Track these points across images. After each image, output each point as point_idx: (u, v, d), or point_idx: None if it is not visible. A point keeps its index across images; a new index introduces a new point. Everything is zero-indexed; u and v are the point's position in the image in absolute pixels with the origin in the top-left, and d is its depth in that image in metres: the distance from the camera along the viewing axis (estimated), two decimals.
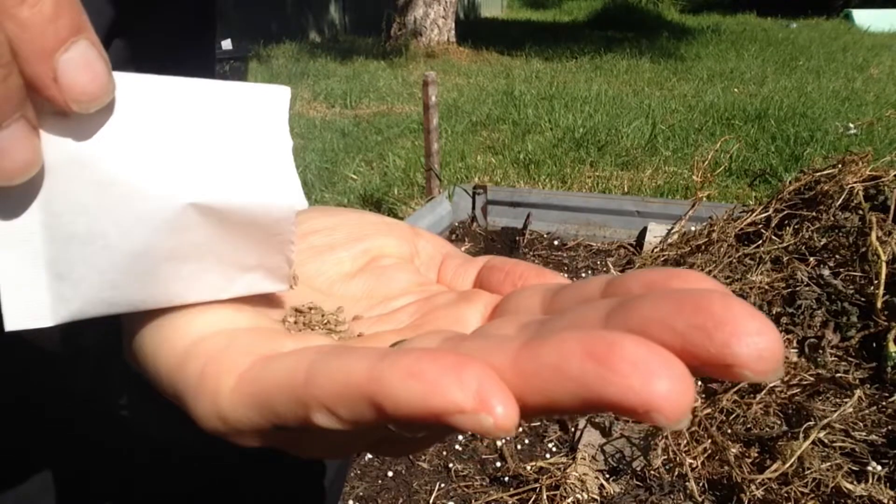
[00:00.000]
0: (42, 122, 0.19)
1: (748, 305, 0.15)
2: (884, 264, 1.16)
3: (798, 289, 1.25)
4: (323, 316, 0.25)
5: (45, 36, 0.18)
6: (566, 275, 1.82)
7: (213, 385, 0.20)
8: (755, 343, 0.14)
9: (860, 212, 1.32)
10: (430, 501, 1.03)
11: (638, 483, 1.00)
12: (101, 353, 0.31)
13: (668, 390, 0.13)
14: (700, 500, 0.95)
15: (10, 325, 0.20)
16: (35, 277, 0.20)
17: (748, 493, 0.91)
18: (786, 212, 1.45)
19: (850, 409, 1.00)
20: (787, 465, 0.91)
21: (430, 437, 0.23)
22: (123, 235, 0.20)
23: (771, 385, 1.07)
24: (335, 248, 0.29)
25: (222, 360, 0.20)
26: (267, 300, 0.25)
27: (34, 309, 0.20)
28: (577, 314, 0.18)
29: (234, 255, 0.23)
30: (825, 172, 1.44)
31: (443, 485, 1.06)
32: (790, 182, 1.51)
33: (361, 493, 1.05)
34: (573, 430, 1.16)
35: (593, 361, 0.14)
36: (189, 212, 0.21)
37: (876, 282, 1.16)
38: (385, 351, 0.16)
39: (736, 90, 4.49)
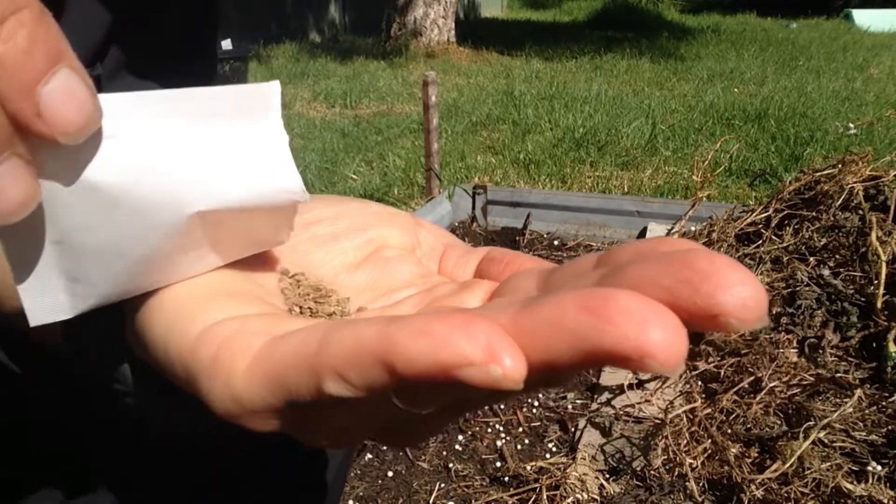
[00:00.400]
0: (39, 152, 0.19)
1: (732, 260, 0.15)
2: (884, 264, 1.16)
3: (798, 289, 1.25)
4: (330, 306, 0.26)
5: (23, 70, 0.17)
6: None
7: (227, 366, 0.20)
8: (739, 293, 0.15)
9: (860, 212, 1.32)
10: (430, 501, 1.03)
11: (638, 483, 1.00)
12: (102, 350, 0.31)
13: (661, 338, 0.14)
14: (700, 500, 0.95)
15: (33, 322, 0.22)
16: (52, 283, 0.22)
17: (748, 493, 0.91)
18: (786, 212, 1.45)
19: (850, 409, 1.00)
20: (787, 465, 0.91)
21: (436, 420, 0.23)
22: (134, 246, 0.22)
23: (771, 385, 1.07)
24: (339, 238, 0.29)
25: (235, 342, 0.21)
26: (275, 292, 0.26)
27: (53, 306, 0.22)
28: (572, 285, 0.18)
29: (236, 239, 0.24)
30: (825, 172, 1.44)
31: (443, 485, 1.06)
32: (790, 182, 1.51)
33: (361, 493, 1.05)
34: (573, 430, 1.16)
35: (589, 314, 0.14)
36: (195, 217, 0.22)
37: (876, 282, 1.16)
38: (395, 317, 0.17)
39: (736, 90, 4.49)
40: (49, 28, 0.18)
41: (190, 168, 0.21)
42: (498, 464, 1.10)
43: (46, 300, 0.22)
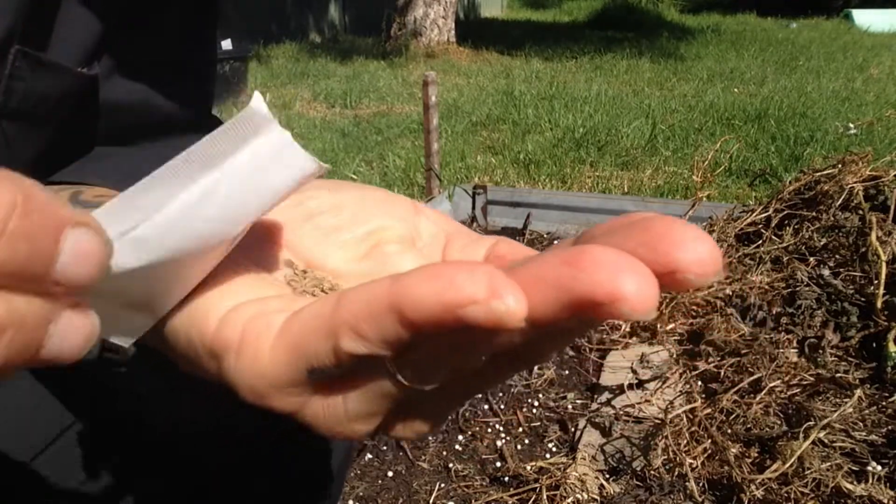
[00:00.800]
0: None
1: (687, 223, 0.17)
2: (884, 264, 1.16)
3: (798, 289, 1.25)
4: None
5: (33, 264, 0.16)
6: None
7: (254, 344, 0.21)
8: (694, 249, 0.16)
9: (860, 212, 1.32)
10: (430, 501, 1.03)
11: (638, 483, 1.00)
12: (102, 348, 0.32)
13: (632, 283, 0.15)
14: (700, 500, 0.95)
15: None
16: (116, 317, 0.24)
17: (748, 493, 0.91)
18: (786, 212, 1.45)
19: (850, 409, 1.00)
20: (787, 465, 0.91)
21: (441, 402, 0.24)
22: (188, 280, 0.24)
23: (771, 385, 1.07)
24: (340, 231, 0.29)
25: (259, 321, 0.22)
26: (282, 282, 0.27)
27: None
28: None
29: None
30: (825, 172, 1.44)
31: (443, 485, 1.06)
32: (790, 182, 1.51)
33: (361, 493, 1.05)
34: (573, 430, 1.16)
35: (567, 266, 0.16)
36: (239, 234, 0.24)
37: (876, 282, 1.16)
38: (403, 273, 0.18)
39: (736, 90, 4.49)
40: (38, 210, 0.16)
41: (226, 207, 0.22)
42: (498, 464, 1.10)
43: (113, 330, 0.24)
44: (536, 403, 1.24)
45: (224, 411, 0.39)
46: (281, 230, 0.29)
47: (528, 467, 1.04)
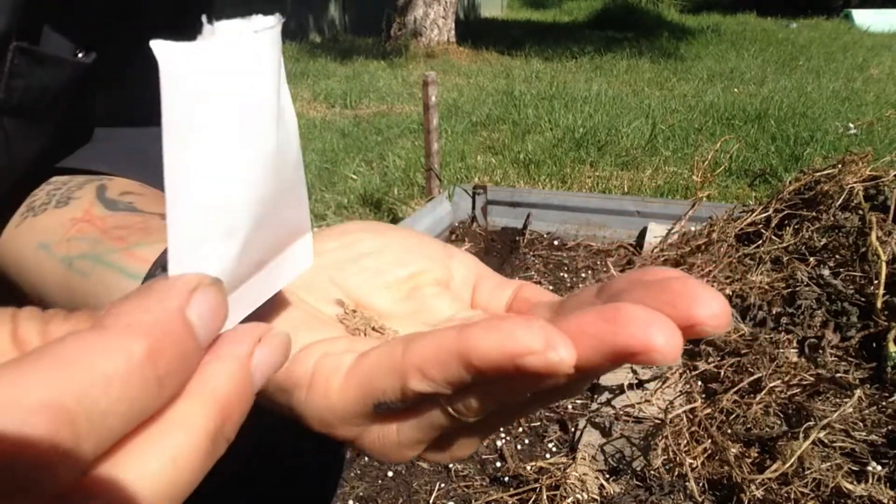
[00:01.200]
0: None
1: (700, 282, 0.20)
2: (884, 264, 1.16)
3: (798, 289, 1.25)
4: (386, 334, 0.30)
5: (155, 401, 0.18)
6: (566, 275, 1.82)
7: (324, 381, 0.24)
8: (709, 305, 0.19)
9: (860, 212, 1.32)
10: (430, 501, 1.03)
11: (638, 483, 1.00)
12: None
13: (661, 335, 0.18)
14: (700, 500, 0.95)
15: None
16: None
17: (748, 493, 0.91)
18: (786, 212, 1.45)
19: (850, 409, 1.00)
20: (787, 465, 0.91)
21: (480, 430, 0.26)
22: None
23: (771, 385, 1.07)
24: (384, 273, 0.32)
25: (328, 360, 0.25)
26: (334, 321, 0.30)
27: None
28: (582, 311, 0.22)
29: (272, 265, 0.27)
30: (825, 172, 1.44)
31: (443, 485, 1.06)
32: (790, 182, 1.51)
33: (361, 493, 1.05)
34: (573, 430, 1.16)
35: (606, 322, 0.19)
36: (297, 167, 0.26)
37: (876, 282, 1.16)
38: (466, 324, 0.21)
39: (736, 90, 4.49)
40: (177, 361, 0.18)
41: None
42: (498, 464, 1.10)
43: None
44: None
45: None
46: (332, 271, 0.31)
47: (528, 467, 1.04)
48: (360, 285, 0.31)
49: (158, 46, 0.17)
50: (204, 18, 0.19)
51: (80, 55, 0.39)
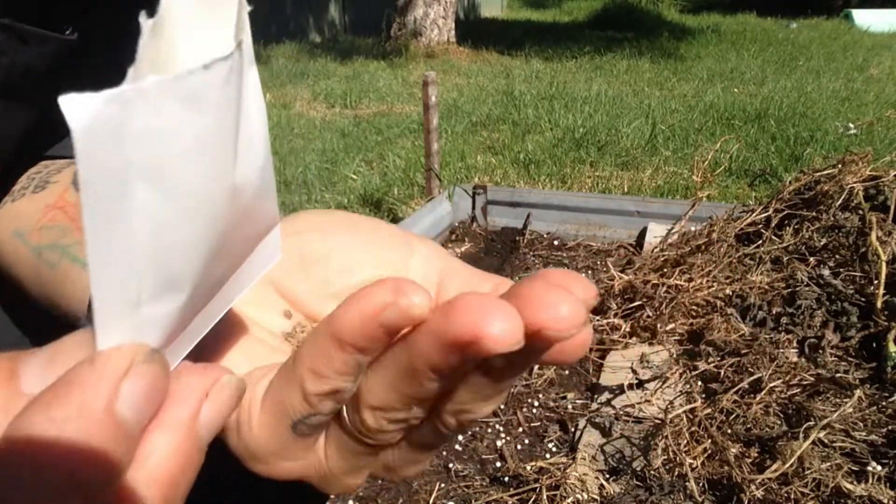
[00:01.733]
0: None
1: (556, 287, 0.19)
2: (884, 264, 1.16)
3: (798, 289, 1.25)
4: None
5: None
6: None
7: (246, 418, 0.23)
8: (556, 310, 0.18)
9: (860, 212, 1.32)
10: (430, 501, 1.03)
11: (638, 483, 1.00)
12: None
13: (496, 323, 0.17)
14: (700, 500, 0.95)
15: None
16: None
17: (748, 493, 0.91)
18: (786, 212, 1.45)
19: (850, 409, 1.00)
20: (787, 465, 0.91)
21: (416, 449, 0.25)
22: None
23: (771, 385, 1.07)
24: (330, 283, 0.30)
25: (248, 392, 0.23)
26: (279, 335, 0.29)
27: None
28: None
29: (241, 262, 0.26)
30: (825, 172, 1.44)
31: (443, 485, 1.06)
32: (790, 182, 1.51)
33: (361, 493, 1.05)
34: (573, 430, 1.16)
35: (442, 315, 0.18)
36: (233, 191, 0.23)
37: (876, 282, 1.16)
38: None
39: (736, 90, 4.49)
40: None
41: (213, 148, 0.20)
42: (498, 464, 1.10)
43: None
44: (536, 403, 1.24)
45: None
46: (280, 280, 0.29)
47: (528, 467, 1.04)
48: (307, 294, 0.29)
49: (65, 102, 0.15)
50: (142, 17, 0.17)
51: (66, 33, 0.39)
